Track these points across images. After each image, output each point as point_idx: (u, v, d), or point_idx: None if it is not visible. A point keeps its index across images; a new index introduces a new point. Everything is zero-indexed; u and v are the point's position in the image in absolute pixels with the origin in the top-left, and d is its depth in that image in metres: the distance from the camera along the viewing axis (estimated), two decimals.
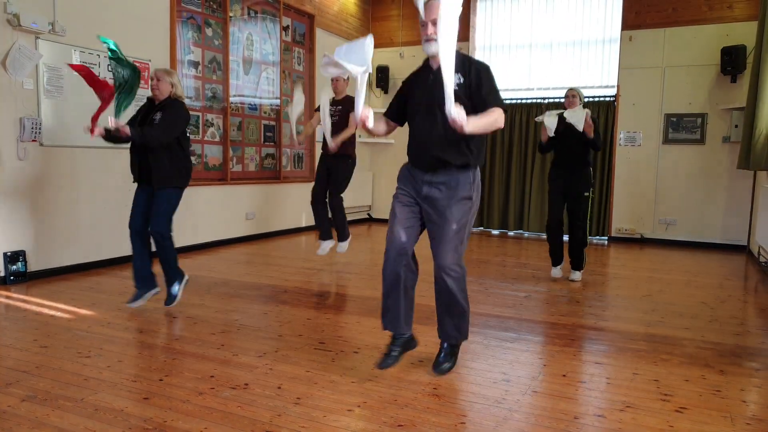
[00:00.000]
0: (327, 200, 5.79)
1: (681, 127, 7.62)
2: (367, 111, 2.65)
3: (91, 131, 3.72)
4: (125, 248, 5.53)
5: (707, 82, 7.44)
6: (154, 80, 3.96)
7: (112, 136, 3.81)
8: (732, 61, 7.05)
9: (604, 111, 8.05)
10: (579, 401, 2.59)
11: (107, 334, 3.41)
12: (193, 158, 6.37)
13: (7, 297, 4.24)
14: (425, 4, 2.66)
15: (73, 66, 3.87)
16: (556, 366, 3.03)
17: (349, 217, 8.97)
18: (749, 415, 2.47)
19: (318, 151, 7.74)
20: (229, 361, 2.99)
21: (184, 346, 3.21)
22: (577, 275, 5.17)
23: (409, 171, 2.84)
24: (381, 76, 9.36)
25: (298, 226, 8.15)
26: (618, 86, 7.90)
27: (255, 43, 7.21)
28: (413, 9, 9.22)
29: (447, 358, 2.89)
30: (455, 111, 2.39)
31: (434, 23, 2.60)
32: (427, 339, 3.41)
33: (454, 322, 2.83)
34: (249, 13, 7.10)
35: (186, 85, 6.20)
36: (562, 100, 8.35)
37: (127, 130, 3.64)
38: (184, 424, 2.28)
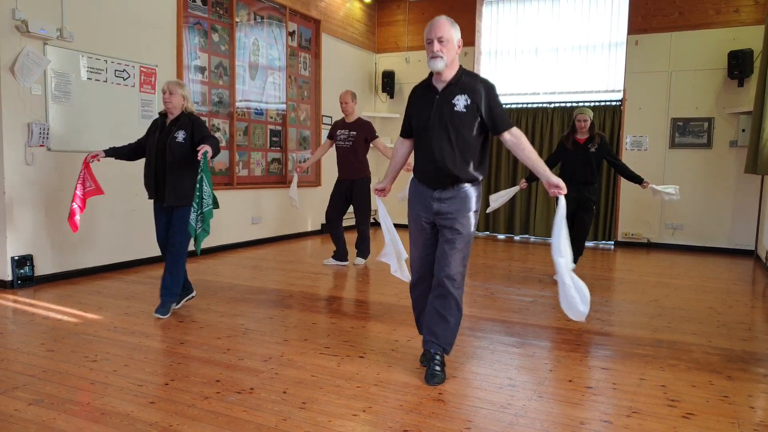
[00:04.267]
0: (341, 222, 5.94)
1: (688, 132, 7.60)
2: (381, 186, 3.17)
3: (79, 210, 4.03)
4: (132, 253, 5.58)
5: (714, 86, 7.41)
6: (167, 93, 3.91)
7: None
8: (739, 65, 7.02)
9: (610, 115, 8.03)
10: (585, 407, 2.57)
11: (114, 338, 3.43)
12: None
13: (15, 301, 4.27)
14: (431, 22, 2.79)
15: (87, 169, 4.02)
16: (562, 371, 3.02)
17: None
18: (757, 422, 2.45)
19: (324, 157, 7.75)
20: (235, 366, 2.99)
21: (189, 351, 3.22)
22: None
23: (417, 189, 2.95)
24: (387, 81, 9.38)
25: (304, 231, 8.16)
26: (624, 90, 7.89)
27: (261, 48, 7.24)
28: (419, 14, 9.30)
29: (439, 368, 2.84)
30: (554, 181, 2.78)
31: (440, 41, 2.73)
32: None
33: (442, 333, 2.85)
34: (255, 19, 7.13)
35: (193, 90, 6.23)
36: (567, 105, 8.39)
37: (208, 149, 3.62)
38: (190, 428, 2.28)
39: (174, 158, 3.86)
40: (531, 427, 2.35)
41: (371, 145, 5.86)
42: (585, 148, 5.23)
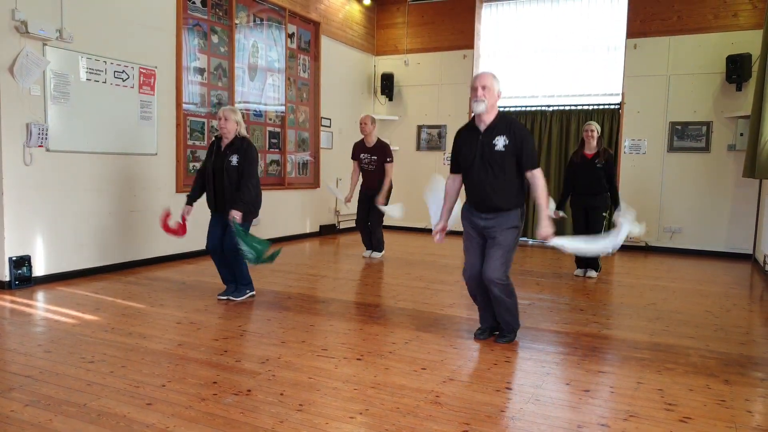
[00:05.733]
0: (369, 224, 6.60)
1: (686, 135, 7.61)
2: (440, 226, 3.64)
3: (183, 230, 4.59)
4: (130, 254, 5.58)
5: (712, 90, 7.43)
6: (222, 119, 4.29)
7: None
8: (737, 69, 7.04)
9: (608, 119, 8.04)
10: (582, 410, 2.57)
11: (111, 339, 3.42)
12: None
13: (12, 302, 4.26)
14: (477, 74, 3.41)
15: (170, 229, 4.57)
16: (560, 374, 3.02)
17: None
18: (754, 425, 2.46)
19: (323, 159, 7.74)
20: (232, 368, 2.99)
21: (187, 352, 3.22)
22: (593, 273, 5.82)
23: (468, 211, 3.53)
24: (386, 83, 9.38)
25: (303, 233, 8.16)
26: (623, 94, 7.90)
27: (260, 50, 7.24)
28: (418, 17, 9.31)
29: (505, 335, 3.57)
30: (544, 232, 3.37)
31: (483, 88, 3.31)
32: (431, 347, 3.42)
33: (504, 318, 3.52)
34: (255, 21, 7.14)
35: (192, 91, 6.23)
36: (566, 108, 8.40)
37: (238, 216, 4.18)
38: (187, 430, 2.28)
39: (230, 180, 4.28)
40: (528, 431, 2.35)
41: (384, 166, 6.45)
42: (592, 163, 5.55)
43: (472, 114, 3.46)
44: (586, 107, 8.15)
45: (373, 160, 6.39)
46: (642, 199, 7.87)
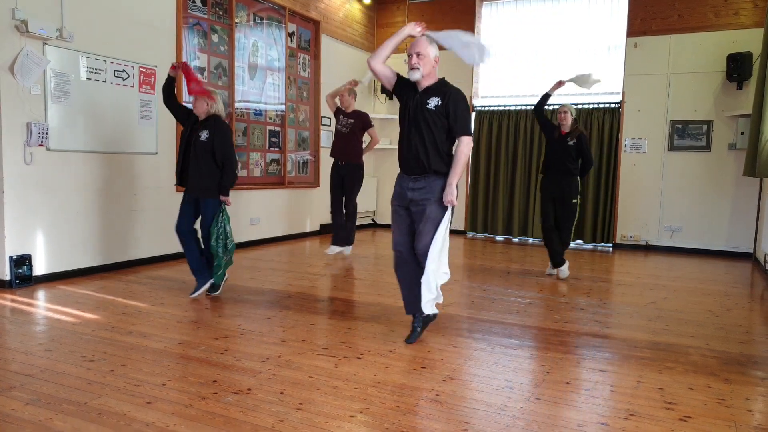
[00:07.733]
0: (344, 209, 6.40)
1: (686, 134, 7.61)
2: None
3: (173, 67, 4.55)
4: (130, 253, 5.58)
5: (713, 88, 7.42)
6: (193, 98, 4.40)
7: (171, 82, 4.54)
8: (738, 67, 7.03)
9: (609, 118, 8.04)
10: (582, 409, 2.57)
11: (111, 338, 3.42)
12: None
13: (13, 300, 4.26)
14: (414, 40, 3.32)
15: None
16: (560, 373, 3.02)
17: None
18: (754, 424, 2.46)
19: (323, 158, 7.74)
20: (232, 366, 2.99)
21: (187, 351, 3.22)
22: (564, 271, 5.63)
23: (399, 184, 3.46)
24: None
25: (303, 231, 8.16)
26: (623, 93, 7.90)
27: (260, 49, 7.24)
28: (418, 15, 9.30)
29: (418, 326, 3.49)
30: (448, 197, 3.26)
31: (418, 55, 3.27)
32: (431, 346, 3.42)
33: (419, 295, 3.39)
34: (255, 20, 7.13)
35: None
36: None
37: (228, 201, 4.43)
38: (187, 428, 2.28)
39: (197, 154, 4.33)
40: (528, 430, 2.35)
41: (367, 133, 6.44)
42: (564, 141, 5.60)
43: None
44: (586, 106, 8.14)
45: (348, 123, 6.35)
46: (642, 198, 7.87)
